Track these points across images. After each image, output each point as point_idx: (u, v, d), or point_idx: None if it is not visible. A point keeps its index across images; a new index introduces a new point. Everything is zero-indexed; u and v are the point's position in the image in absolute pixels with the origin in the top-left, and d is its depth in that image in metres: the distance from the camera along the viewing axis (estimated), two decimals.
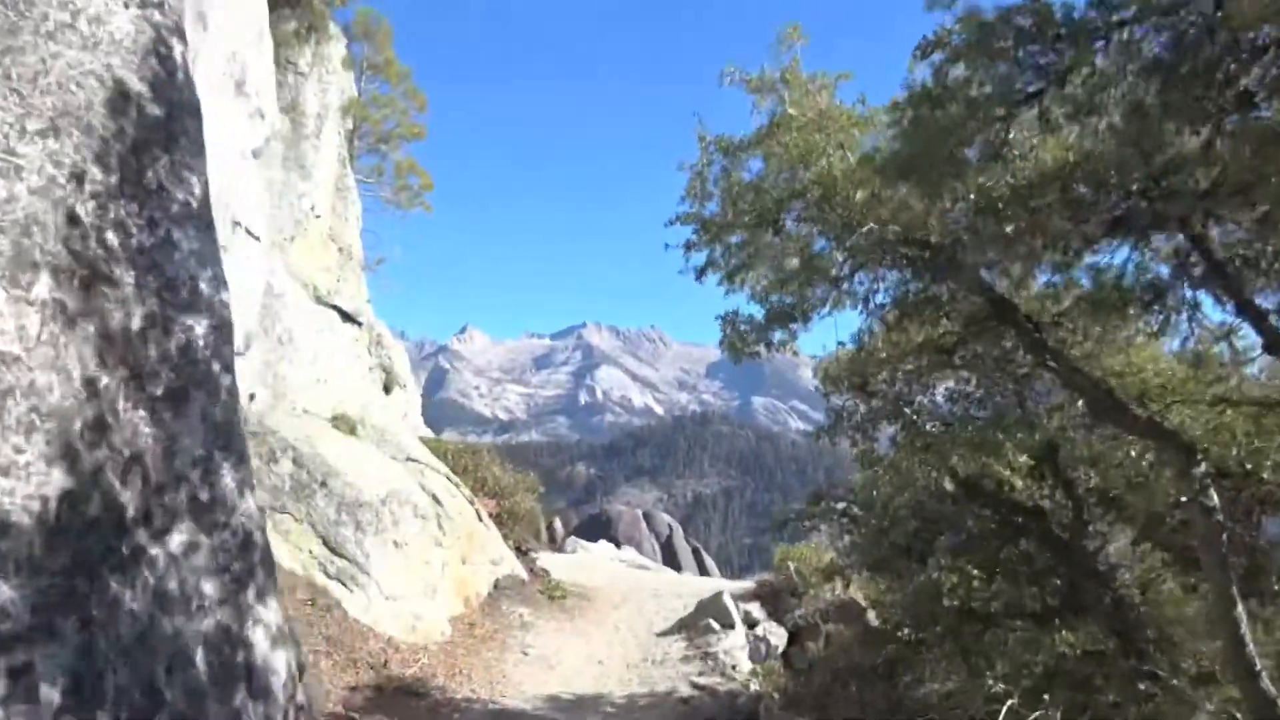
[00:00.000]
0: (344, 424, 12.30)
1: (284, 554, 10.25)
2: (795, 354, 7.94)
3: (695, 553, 76.75)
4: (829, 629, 14.75)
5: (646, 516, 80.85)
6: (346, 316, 18.56)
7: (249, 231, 6.22)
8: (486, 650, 11.60)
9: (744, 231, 6.77)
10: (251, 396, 6.10)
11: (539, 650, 11.95)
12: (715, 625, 12.56)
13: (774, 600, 15.35)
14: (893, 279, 7.52)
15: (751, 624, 14.59)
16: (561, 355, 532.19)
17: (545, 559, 18.61)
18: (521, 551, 15.94)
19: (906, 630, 8.97)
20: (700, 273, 7.33)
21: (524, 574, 15.09)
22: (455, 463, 16.23)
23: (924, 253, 6.85)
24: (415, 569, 11.63)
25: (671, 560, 72.67)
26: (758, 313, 7.84)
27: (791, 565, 15.34)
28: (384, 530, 11.14)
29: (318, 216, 17.45)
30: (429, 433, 20.19)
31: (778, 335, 7.75)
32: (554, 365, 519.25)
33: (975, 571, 7.60)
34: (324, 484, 10.85)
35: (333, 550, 10.56)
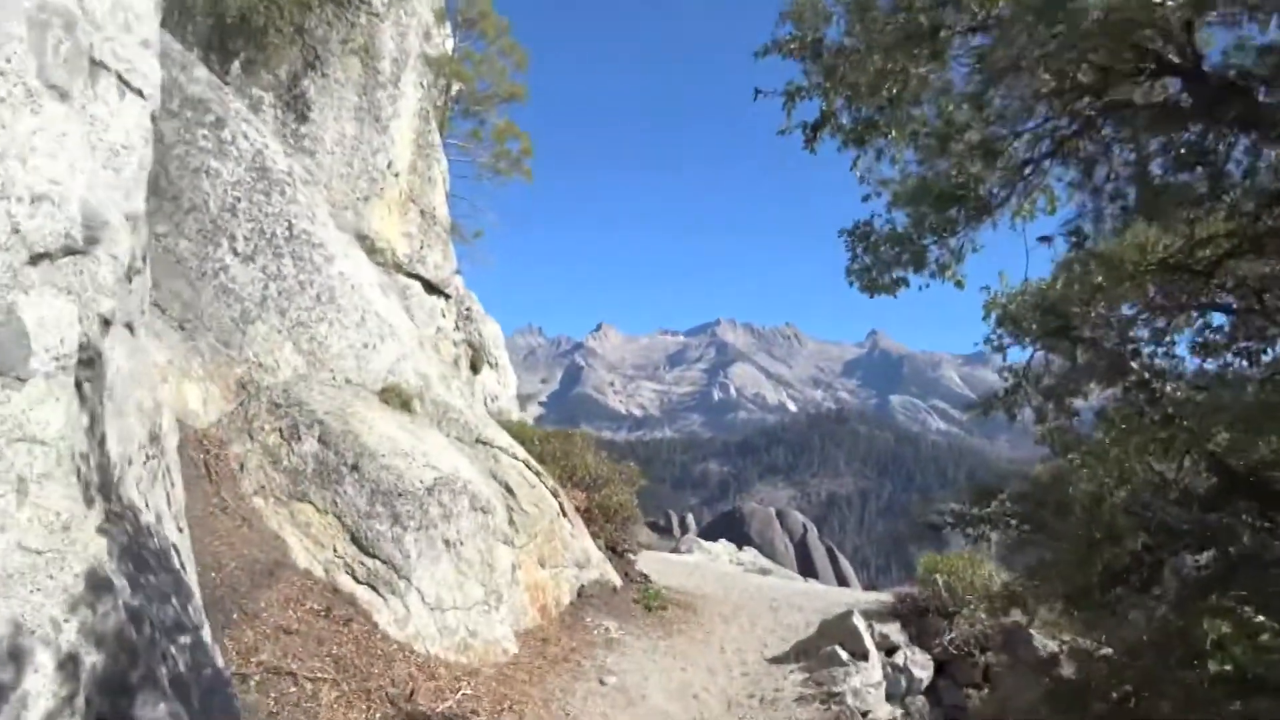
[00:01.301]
0: (395, 398, 10.39)
1: (300, 553, 8.39)
2: (960, 284, 5.28)
3: (829, 553, 73.55)
4: (989, 660, 11.83)
5: (780, 515, 78.19)
6: (431, 287, 16.92)
7: (124, 81, 4.18)
8: (554, 676, 9.40)
9: (881, 60, 4.19)
10: (107, 323, 4.05)
11: (620, 678, 9.66)
12: (842, 654, 9.93)
13: (918, 620, 12.52)
14: (1125, 159, 4.75)
15: (889, 650, 11.85)
16: (695, 352, 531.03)
17: (647, 561, 16.36)
18: (616, 553, 13.73)
19: (1124, 692, 6.15)
20: (812, 133, 4.75)
21: (616, 579, 12.87)
22: (541, 448, 14.19)
23: (1187, 91, 4.11)
24: (472, 572, 9.58)
25: (805, 560, 69.81)
26: (903, 222, 5.22)
27: (940, 578, 12.46)
28: (430, 525, 9.12)
29: (396, 175, 15.82)
30: (524, 418, 18.31)
31: (935, 253, 5.12)
32: (688, 362, 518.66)
33: (1263, 618, 4.79)
34: (355, 468, 8.92)
35: (363, 549, 8.61)
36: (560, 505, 12.50)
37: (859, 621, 10.62)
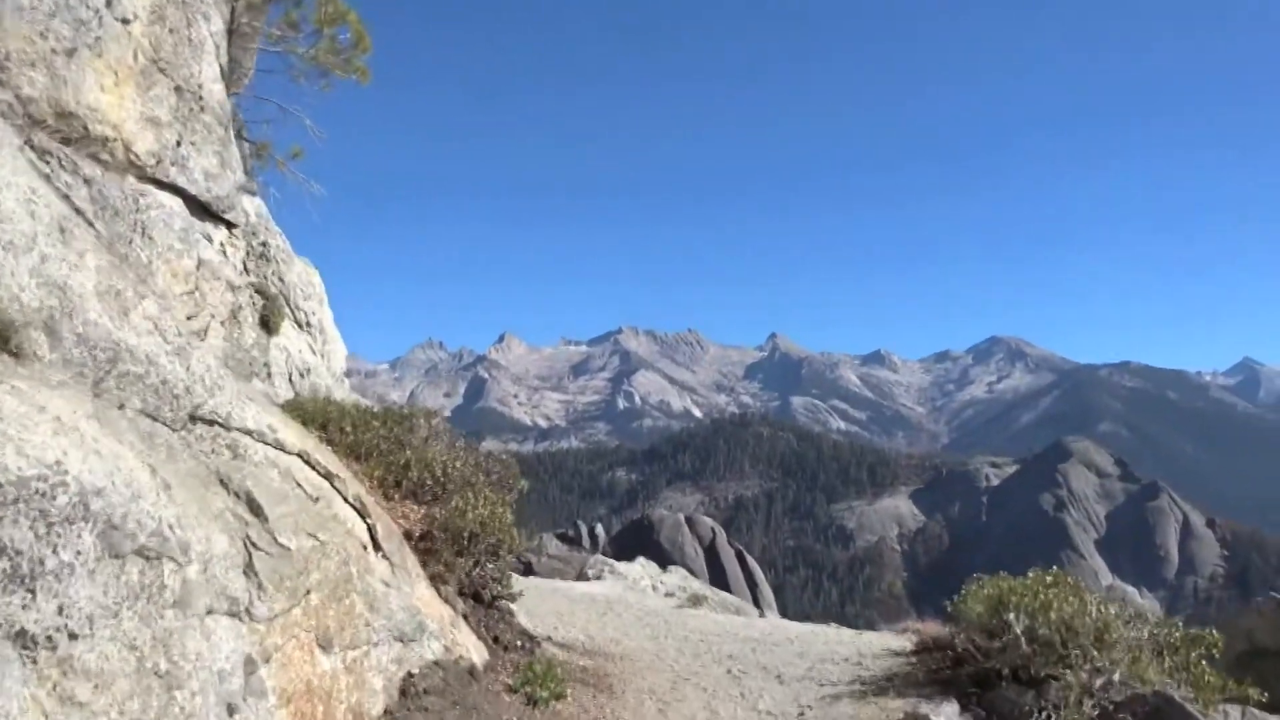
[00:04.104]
0: None
1: None
2: None
3: (739, 556, 70.40)
4: None
5: (689, 521, 74.79)
6: (200, 207, 11.30)
7: None
8: None
9: None
10: None
11: None
12: None
13: (982, 691, 7.58)
14: None
15: None
16: (599, 361, 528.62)
17: (537, 599, 11.03)
18: (481, 602, 8.34)
19: None
20: None
21: (477, 653, 7.49)
22: (357, 436, 8.71)
23: None
24: (105, 700, 4.11)
25: (715, 565, 66.23)
26: None
27: (1014, 619, 7.52)
28: None
29: (125, 22, 10.07)
30: (357, 400, 12.70)
31: None
32: (591, 371, 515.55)
33: None
34: None
35: None
36: (370, 530, 7.07)
37: None
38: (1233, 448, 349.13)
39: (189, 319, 10.23)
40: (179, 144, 10.90)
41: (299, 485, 6.64)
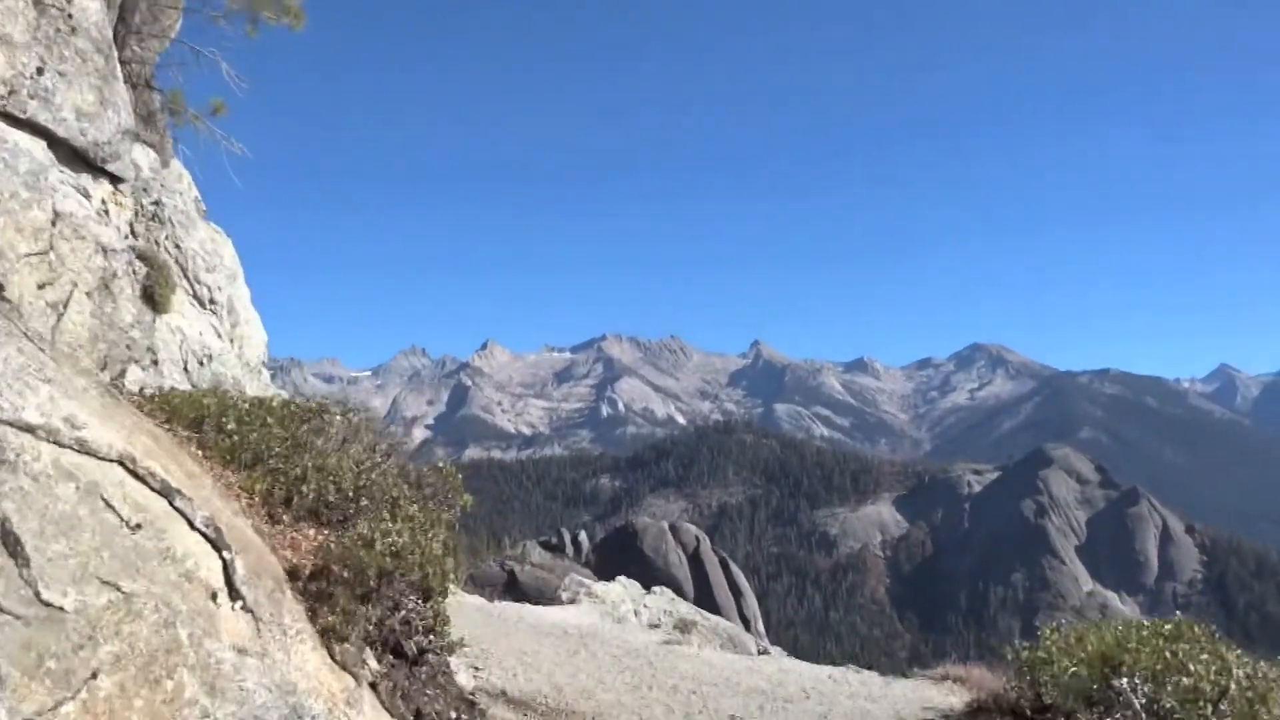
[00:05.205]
0: None
1: None
2: None
3: (723, 564, 69.13)
4: None
5: (672, 528, 73.61)
6: (74, 155, 9.19)
7: None
8: None
9: None
10: None
11: None
12: None
13: None
14: None
15: None
16: (582, 368, 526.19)
17: (498, 629, 8.87)
18: (401, 656, 6.20)
19: None
20: None
21: None
22: (242, 436, 6.54)
23: None
24: None
25: (699, 573, 64.71)
26: None
27: (1130, 686, 5.45)
28: None
29: None
30: (280, 394, 10.47)
31: None
32: (575, 378, 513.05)
33: None
34: None
35: None
36: (225, 570, 4.91)
37: None
38: (1210, 454, 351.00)
39: (41, 288, 8.06)
40: (41, 71, 8.72)
41: (109, 507, 4.47)
